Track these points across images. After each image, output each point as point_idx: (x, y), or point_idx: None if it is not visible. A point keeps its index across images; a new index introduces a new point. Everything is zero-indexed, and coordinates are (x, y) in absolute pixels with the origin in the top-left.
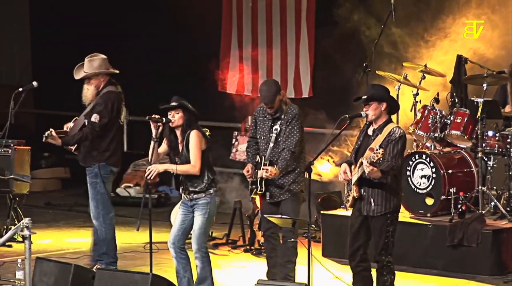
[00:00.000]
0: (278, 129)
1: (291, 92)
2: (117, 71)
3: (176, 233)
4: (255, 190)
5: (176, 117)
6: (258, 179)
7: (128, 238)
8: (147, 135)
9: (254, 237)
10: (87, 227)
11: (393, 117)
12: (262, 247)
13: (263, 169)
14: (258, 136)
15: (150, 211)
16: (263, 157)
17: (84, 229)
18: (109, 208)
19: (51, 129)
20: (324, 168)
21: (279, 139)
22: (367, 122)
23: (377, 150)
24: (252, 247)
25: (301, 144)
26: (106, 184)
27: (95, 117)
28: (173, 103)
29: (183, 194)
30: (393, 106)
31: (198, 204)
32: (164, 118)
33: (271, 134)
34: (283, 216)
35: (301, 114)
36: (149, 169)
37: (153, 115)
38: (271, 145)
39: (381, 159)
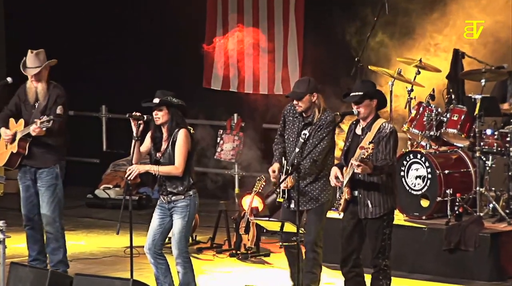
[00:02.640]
0: (307, 134)
1: (279, 89)
2: (56, 61)
3: (152, 238)
4: (279, 195)
5: (159, 115)
6: (281, 187)
7: (107, 242)
8: (128, 133)
9: (240, 241)
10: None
11: (387, 115)
12: (249, 251)
13: (284, 182)
14: (286, 136)
15: (130, 214)
16: (286, 162)
17: None
18: (63, 211)
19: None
20: None
21: (306, 145)
22: (354, 121)
23: (367, 145)
24: (238, 252)
25: (329, 153)
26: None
27: (60, 109)
28: (155, 100)
29: (160, 195)
30: (382, 102)
31: (177, 207)
32: (145, 116)
33: (299, 138)
34: (275, 220)
35: (334, 122)
36: (129, 169)
37: (133, 113)
38: (297, 150)
39: (371, 154)
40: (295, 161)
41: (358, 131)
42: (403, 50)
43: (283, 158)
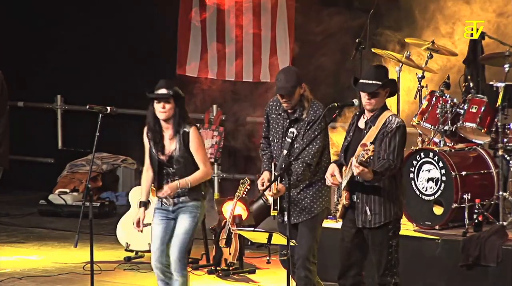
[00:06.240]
0: (295, 133)
1: (266, 75)
2: None
3: (160, 248)
4: (272, 207)
5: (167, 108)
6: (265, 194)
7: (63, 256)
8: (88, 128)
9: (220, 255)
10: (12, 243)
11: (393, 106)
12: (231, 268)
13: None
14: (271, 138)
15: (91, 223)
16: (274, 167)
17: (8, 245)
18: None
19: None
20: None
21: (295, 145)
22: (357, 113)
23: (367, 146)
24: (218, 268)
25: (324, 153)
26: None
27: None
28: (163, 91)
29: (161, 200)
30: (392, 93)
31: (186, 206)
32: (108, 108)
33: (284, 139)
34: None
35: (327, 116)
36: (166, 191)
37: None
38: (285, 152)
39: (371, 156)
40: (283, 165)
41: (361, 125)
42: (413, 30)
43: (273, 164)
